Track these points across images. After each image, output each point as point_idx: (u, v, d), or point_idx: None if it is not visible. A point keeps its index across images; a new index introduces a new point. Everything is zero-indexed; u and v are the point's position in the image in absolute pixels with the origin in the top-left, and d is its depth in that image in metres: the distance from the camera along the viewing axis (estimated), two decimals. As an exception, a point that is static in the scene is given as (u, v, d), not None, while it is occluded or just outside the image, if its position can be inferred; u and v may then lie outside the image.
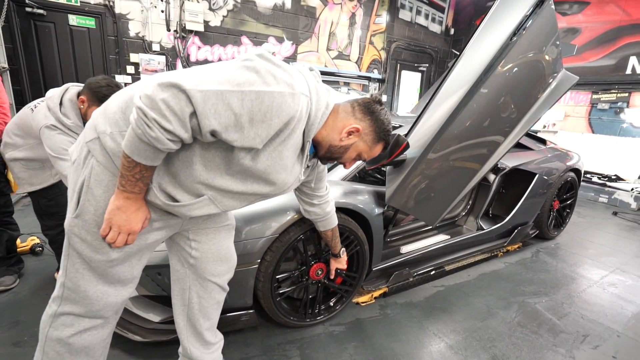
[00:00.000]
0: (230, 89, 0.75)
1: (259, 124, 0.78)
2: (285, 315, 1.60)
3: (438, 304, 1.98)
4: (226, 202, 0.94)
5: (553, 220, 2.99)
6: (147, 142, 0.75)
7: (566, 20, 5.26)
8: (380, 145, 1.04)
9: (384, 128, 1.00)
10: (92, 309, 0.94)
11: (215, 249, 1.14)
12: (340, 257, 1.56)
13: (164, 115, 0.73)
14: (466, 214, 2.60)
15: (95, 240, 0.88)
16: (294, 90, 0.80)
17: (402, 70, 6.46)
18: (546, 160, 2.78)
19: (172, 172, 0.88)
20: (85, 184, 0.86)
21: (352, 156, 1.02)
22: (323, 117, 0.92)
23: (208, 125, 0.75)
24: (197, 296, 1.17)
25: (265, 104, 0.77)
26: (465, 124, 1.62)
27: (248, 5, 4.72)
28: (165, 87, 0.72)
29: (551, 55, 1.62)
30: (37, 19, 3.55)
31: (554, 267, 2.53)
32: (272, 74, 0.79)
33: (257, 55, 0.82)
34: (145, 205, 0.89)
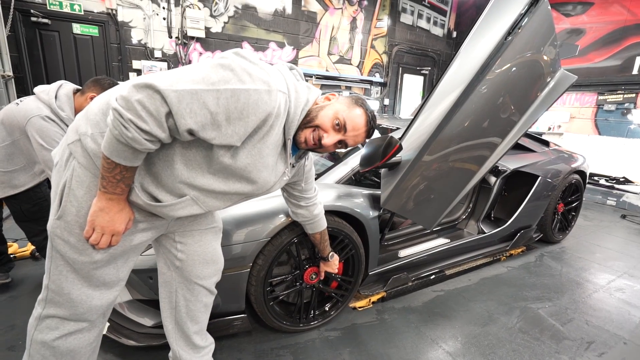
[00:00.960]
0: (205, 87, 0.75)
1: (235, 122, 0.78)
2: (279, 320, 1.58)
3: (437, 309, 1.93)
4: (209, 202, 0.93)
5: (558, 223, 2.92)
6: (124, 142, 0.75)
7: (570, 21, 5.20)
8: (360, 109, 0.98)
9: (361, 99, 1.01)
10: (76, 311, 0.93)
11: (201, 251, 1.12)
12: (329, 260, 1.53)
13: (140, 116, 0.73)
14: (467, 217, 2.55)
15: (78, 242, 0.88)
16: (270, 87, 0.80)
17: (404, 74, 6.45)
18: (549, 162, 2.72)
19: (154, 172, 0.87)
20: (67, 185, 0.86)
21: (328, 113, 0.94)
22: (303, 113, 0.92)
23: (184, 124, 0.76)
24: (184, 299, 1.15)
25: (241, 101, 0.77)
26: (461, 125, 1.60)
27: (249, 11, 4.77)
28: (140, 88, 0.73)
29: (549, 55, 1.59)
30: (42, 28, 3.63)
31: (558, 272, 2.46)
32: (247, 71, 0.79)
33: (232, 53, 0.82)
34: (129, 206, 0.89)
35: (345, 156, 1.98)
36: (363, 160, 1.62)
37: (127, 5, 3.98)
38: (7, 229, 2.68)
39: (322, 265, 1.58)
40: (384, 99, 6.32)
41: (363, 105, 1.00)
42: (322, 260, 1.56)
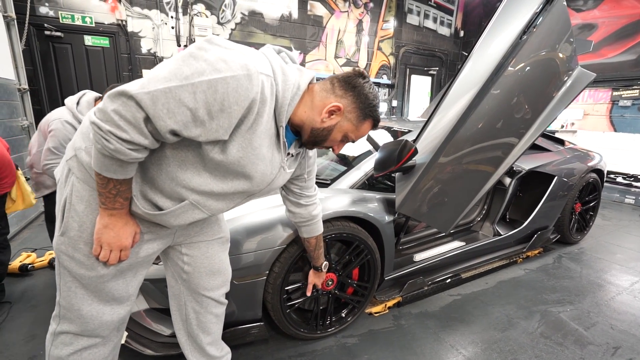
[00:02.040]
0: (178, 83, 0.70)
1: (218, 115, 0.73)
2: (296, 327, 1.56)
3: (454, 313, 1.90)
4: (210, 204, 0.90)
5: (575, 223, 2.85)
6: (109, 155, 0.73)
7: (581, 16, 5.10)
8: (367, 122, 0.94)
9: (369, 103, 0.91)
10: (87, 327, 0.92)
11: (207, 262, 1.11)
12: (321, 271, 1.46)
13: (119, 126, 0.70)
14: (482, 219, 2.51)
15: (82, 257, 0.87)
16: (250, 71, 0.73)
17: (411, 75, 6.41)
18: (565, 161, 2.67)
19: (150, 179, 0.85)
20: (68, 201, 0.86)
21: (337, 138, 0.94)
22: (295, 98, 0.85)
23: (164, 126, 0.71)
24: (193, 312, 1.14)
25: (219, 92, 0.71)
26: (476, 126, 1.57)
27: (255, 18, 4.80)
28: (114, 97, 0.70)
29: (565, 52, 1.56)
30: (55, 41, 3.71)
31: (578, 274, 2.40)
32: (222, 59, 0.72)
33: (205, 42, 0.75)
34: (132, 219, 0.88)
35: (359, 161, 1.96)
36: (377, 164, 1.61)
37: (136, 15, 4.05)
38: (25, 239, 2.74)
39: (311, 275, 1.49)
40: (392, 100, 6.28)
41: (371, 113, 0.92)
42: (313, 269, 1.48)
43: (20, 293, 1.99)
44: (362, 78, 0.91)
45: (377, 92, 0.94)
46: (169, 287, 1.17)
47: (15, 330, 1.68)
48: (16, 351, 1.54)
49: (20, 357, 1.50)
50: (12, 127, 2.91)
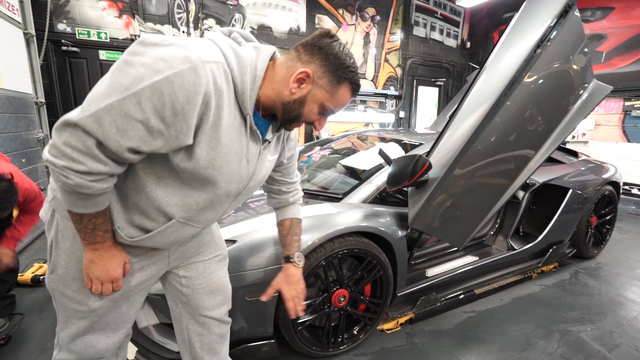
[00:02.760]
0: (119, 97, 0.63)
1: (173, 119, 0.66)
2: (307, 345, 1.53)
3: (470, 331, 1.84)
4: (199, 217, 0.86)
5: (591, 237, 2.78)
6: (72, 191, 0.68)
7: (590, 27, 5.09)
8: (344, 86, 0.81)
9: (341, 63, 0.78)
10: (83, 357, 0.92)
11: (206, 282, 1.07)
12: (296, 264, 1.13)
13: (72, 158, 0.64)
14: (495, 233, 2.46)
15: (72, 293, 0.86)
16: (193, 62, 0.65)
17: (418, 86, 6.43)
18: (579, 173, 2.62)
19: (133, 205, 0.80)
20: (54, 240, 0.85)
21: (314, 110, 0.82)
22: (257, 80, 0.76)
23: (118, 146, 0.65)
24: (196, 334, 1.11)
25: (166, 94, 0.63)
26: (491, 139, 1.55)
27: (264, 31, 4.89)
28: (60, 130, 0.64)
29: (579, 64, 1.54)
30: (71, 56, 3.82)
31: (597, 290, 2.32)
32: (160, 57, 0.64)
33: (138, 44, 0.66)
34: (119, 249, 0.84)
35: (370, 174, 1.95)
36: (390, 179, 1.59)
37: (149, 31, 4.15)
38: (37, 249, 2.77)
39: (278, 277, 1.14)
40: (399, 111, 6.29)
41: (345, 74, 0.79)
42: (286, 262, 1.14)
43: (32, 304, 1.99)
44: (329, 38, 0.79)
45: (350, 52, 0.82)
46: (170, 311, 1.13)
47: (26, 342, 1.68)
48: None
49: (30, 371, 1.50)
50: (28, 140, 2.97)
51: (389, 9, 5.82)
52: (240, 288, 1.34)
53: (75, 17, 3.80)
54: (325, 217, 1.51)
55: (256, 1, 4.75)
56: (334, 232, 1.47)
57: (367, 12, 5.65)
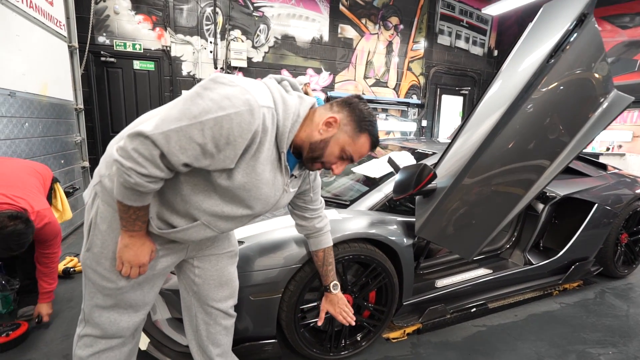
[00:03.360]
0: (188, 123, 0.77)
1: (225, 147, 0.80)
2: (308, 347, 1.56)
3: (478, 346, 1.79)
4: (220, 224, 0.97)
5: (621, 256, 2.61)
6: (130, 188, 0.82)
7: (627, 33, 4.83)
8: (364, 137, 0.96)
9: (364, 117, 0.95)
10: (106, 332, 1.02)
11: (217, 275, 1.17)
12: (332, 292, 1.36)
13: (138, 162, 0.79)
14: (511, 246, 2.38)
15: (104, 270, 0.97)
16: (251, 106, 0.80)
17: (442, 95, 6.34)
18: (608, 187, 2.48)
19: (166, 202, 0.94)
20: (93, 221, 0.97)
21: (335, 152, 0.96)
22: (295, 125, 0.91)
23: (177, 160, 0.80)
24: (203, 323, 1.20)
25: (225, 127, 0.78)
26: (503, 148, 1.53)
27: (288, 41, 5.05)
28: (133, 138, 0.79)
29: (598, 73, 1.49)
30: (109, 66, 4.14)
31: (624, 312, 2.18)
32: (226, 96, 0.79)
33: (210, 81, 0.82)
34: (149, 239, 0.97)
35: (379, 182, 1.97)
36: (397, 187, 1.60)
37: (179, 42, 4.42)
38: (70, 244, 2.99)
39: (323, 301, 1.39)
40: (421, 120, 6.23)
41: (367, 127, 0.96)
42: (325, 291, 1.38)
43: (61, 294, 2.16)
44: (358, 99, 0.98)
45: (373, 113, 0.98)
46: (181, 299, 1.24)
47: (54, 329, 1.82)
48: (53, 348, 1.66)
49: (55, 354, 1.63)
50: (67, 142, 3.24)
51: (412, 17, 5.82)
52: (246, 287, 1.40)
53: (114, 30, 4.12)
54: (330, 223, 1.54)
55: (280, 12, 4.92)
56: (338, 237, 1.50)
57: (391, 21, 5.68)
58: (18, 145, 2.42)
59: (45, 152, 2.77)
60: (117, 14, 4.12)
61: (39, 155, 2.67)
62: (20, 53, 2.49)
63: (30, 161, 2.05)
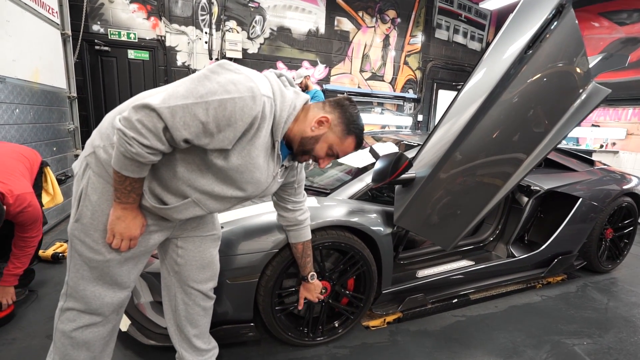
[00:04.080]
0: (194, 101, 0.82)
1: (225, 128, 0.85)
2: (284, 331, 1.59)
3: (455, 335, 1.82)
4: (210, 204, 1.01)
5: (606, 251, 2.63)
6: (130, 157, 0.85)
7: (625, 30, 4.79)
8: (351, 139, 1.05)
9: (353, 121, 1.04)
10: (90, 307, 1.03)
11: (199, 256, 1.20)
12: (309, 282, 1.47)
13: (141, 133, 0.82)
14: (495, 239, 2.40)
15: (92, 242, 0.98)
16: (254, 93, 0.85)
17: (439, 90, 6.32)
18: (593, 182, 2.49)
19: (159, 177, 0.97)
20: (83, 192, 0.97)
21: (323, 148, 1.04)
22: (290, 117, 0.97)
23: (180, 135, 0.84)
24: (182, 303, 1.23)
25: (228, 109, 0.83)
26: (480, 140, 1.54)
27: (284, 33, 5.03)
28: (139, 109, 0.82)
29: (576, 66, 1.50)
30: (103, 54, 4.14)
31: (603, 305, 2.21)
32: (232, 81, 0.85)
33: (217, 66, 0.88)
34: (141, 213, 0.99)
35: (361, 172, 1.98)
36: (375, 175, 1.62)
37: (174, 32, 4.41)
38: (62, 230, 3.02)
39: (301, 289, 1.51)
40: (417, 115, 6.22)
41: (354, 130, 1.04)
42: (302, 281, 1.50)
43: (49, 279, 2.19)
44: (349, 102, 1.06)
45: (360, 117, 1.07)
46: (162, 279, 1.26)
47: (39, 310, 1.86)
48: (37, 329, 1.70)
49: (39, 334, 1.66)
50: (60, 130, 3.25)
51: (410, 11, 5.78)
52: (224, 271, 1.42)
53: (108, 19, 4.11)
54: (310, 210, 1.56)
55: (277, 3, 4.90)
56: (318, 224, 1.52)
57: (388, 14, 5.64)
58: (8, 131, 2.44)
59: (36, 139, 2.79)
60: (112, 3, 4.11)
61: (30, 141, 2.69)
62: (10, 39, 2.49)
63: (18, 145, 2.06)
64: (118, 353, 1.54)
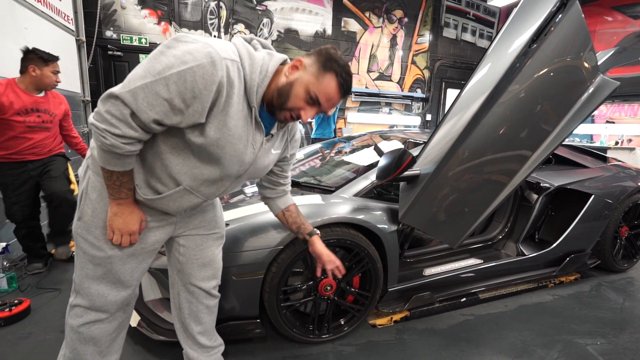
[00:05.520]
0: (153, 79, 0.79)
1: (192, 101, 0.82)
2: (289, 327, 1.60)
3: (463, 333, 1.80)
4: (202, 189, 1.00)
5: (621, 249, 2.56)
6: (107, 150, 0.85)
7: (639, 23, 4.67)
8: (329, 75, 0.93)
9: (331, 57, 0.93)
10: (94, 304, 1.05)
11: (200, 254, 1.20)
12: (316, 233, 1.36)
13: (111, 123, 0.81)
14: (504, 237, 2.36)
15: (94, 239, 1.00)
16: (213, 58, 0.81)
17: (447, 88, 6.26)
18: (607, 179, 2.43)
19: (149, 168, 0.97)
20: (84, 191, 1.00)
21: (300, 94, 0.93)
22: (264, 80, 0.92)
23: (147, 117, 0.82)
24: (186, 301, 1.24)
25: (188, 81, 0.80)
26: (485, 136, 1.52)
27: (291, 35, 5.07)
28: (104, 100, 0.82)
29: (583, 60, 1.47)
30: (116, 59, 4.25)
31: (619, 305, 2.14)
32: (188, 52, 0.81)
33: (173, 40, 0.84)
34: (138, 208, 1.00)
35: (366, 170, 1.99)
36: (379, 172, 1.62)
37: (184, 36, 4.49)
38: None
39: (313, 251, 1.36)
40: (425, 114, 6.17)
41: (332, 65, 0.93)
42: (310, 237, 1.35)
43: (65, 276, 2.26)
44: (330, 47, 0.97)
45: (345, 59, 0.97)
46: (169, 277, 1.28)
47: (54, 306, 1.92)
48: (52, 324, 1.75)
49: (53, 328, 1.72)
50: (74, 133, 3.36)
51: (417, 11, 5.76)
52: (229, 267, 1.44)
53: (121, 25, 4.23)
54: (313, 207, 1.58)
55: (284, 6, 4.95)
56: (323, 220, 1.53)
57: (395, 14, 5.63)
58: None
59: (51, 141, 2.88)
60: (124, 9, 4.22)
61: (45, 144, 2.78)
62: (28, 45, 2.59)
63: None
64: (128, 348, 1.58)
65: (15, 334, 1.67)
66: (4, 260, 2.01)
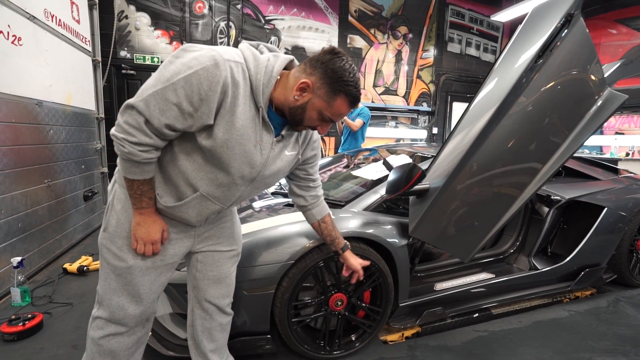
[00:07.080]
0: (162, 86, 0.84)
1: (199, 104, 0.85)
2: (300, 343, 1.58)
3: (477, 350, 1.76)
4: (218, 194, 1.02)
5: (638, 263, 2.49)
6: (126, 159, 0.90)
7: (646, 36, 4.68)
8: (340, 99, 0.94)
9: (339, 77, 0.91)
10: (114, 316, 1.06)
11: (216, 272, 1.21)
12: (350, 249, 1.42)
13: (128, 132, 0.87)
14: (515, 251, 2.33)
15: (117, 249, 1.03)
16: (216, 60, 0.84)
17: (453, 102, 6.31)
18: (620, 191, 2.40)
19: (167, 175, 1.00)
20: (110, 203, 1.05)
21: (313, 116, 0.97)
22: (270, 81, 0.93)
23: (159, 123, 0.86)
24: (199, 318, 1.24)
25: (194, 84, 0.83)
26: (494, 150, 1.54)
27: (298, 52, 5.20)
28: (123, 112, 0.87)
29: (590, 74, 1.49)
30: (129, 78, 4.40)
31: (639, 322, 2.08)
32: (194, 58, 0.85)
33: (181, 50, 0.89)
34: (160, 217, 1.03)
35: (376, 184, 2.00)
36: (389, 187, 1.63)
37: (195, 55, 4.64)
38: (87, 245, 3.15)
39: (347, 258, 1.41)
40: (432, 127, 6.20)
41: (341, 87, 0.92)
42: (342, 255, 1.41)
43: (75, 290, 2.29)
44: (332, 54, 0.92)
45: (352, 68, 0.93)
46: (187, 293, 1.29)
47: (66, 320, 1.93)
48: (64, 338, 1.76)
49: (65, 343, 1.73)
50: (88, 149, 3.45)
51: (422, 26, 5.87)
52: (241, 282, 1.45)
53: (135, 45, 4.39)
54: (323, 221, 1.59)
55: (291, 24, 5.10)
56: (332, 236, 1.54)
57: (399, 30, 5.75)
58: (42, 151, 2.61)
59: (67, 157, 2.97)
60: (138, 30, 4.39)
61: (61, 160, 2.86)
62: (48, 66, 2.71)
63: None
64: (139, 363, 1.57)
65: (27, 349, 1.68)
66: (19, 274, 2.04)
